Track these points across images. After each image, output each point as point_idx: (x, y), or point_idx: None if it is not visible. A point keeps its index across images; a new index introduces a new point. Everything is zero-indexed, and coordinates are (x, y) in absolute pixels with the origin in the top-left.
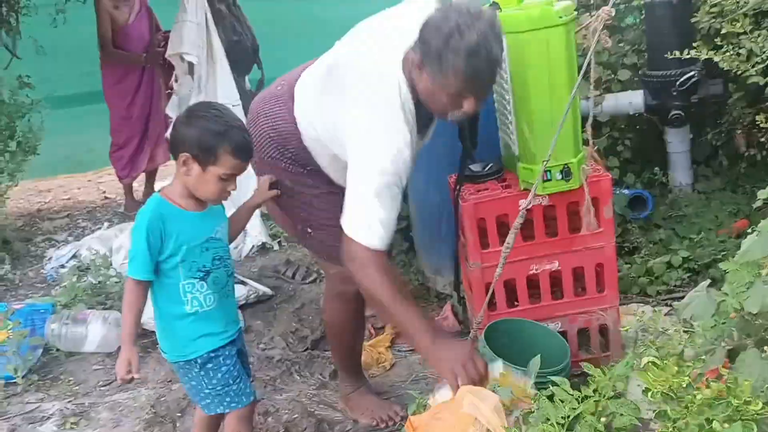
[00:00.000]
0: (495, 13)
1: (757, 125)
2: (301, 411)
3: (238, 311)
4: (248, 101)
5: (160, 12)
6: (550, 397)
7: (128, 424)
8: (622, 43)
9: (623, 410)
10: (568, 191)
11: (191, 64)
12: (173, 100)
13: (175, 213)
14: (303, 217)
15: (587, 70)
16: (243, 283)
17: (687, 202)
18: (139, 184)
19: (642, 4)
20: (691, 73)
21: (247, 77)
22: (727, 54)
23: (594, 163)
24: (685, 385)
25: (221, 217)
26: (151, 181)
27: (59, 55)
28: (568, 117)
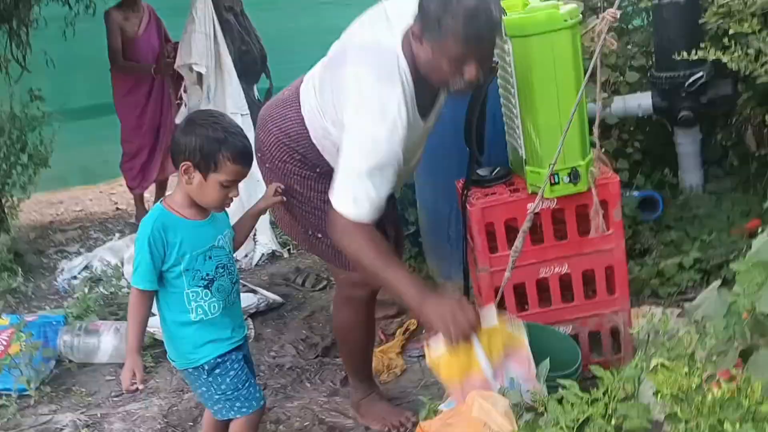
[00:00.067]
0: None
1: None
2: (312, 418)
3: (243, 317)
4: (257, 111)
5: (169, 23)
6: (560, 401)
7: None
8: (630, 45)
9: (633, 412)
10: (576, 194)
11: (200, 75)
12: (183, 111)
13: (177, 222)
14: (312, 222)
15: (593, 72)
16: (253, 291)
17: (698, 203)
18: (150, 194)
19: (649, 5)
20: (700, 73)
21: (255, 87)
22: (736, 54)
23: (602, 165)
24: (695, 387)
25: (224, 225)
26: (161, 191)
27: (70, 68)
28: (575, 120)
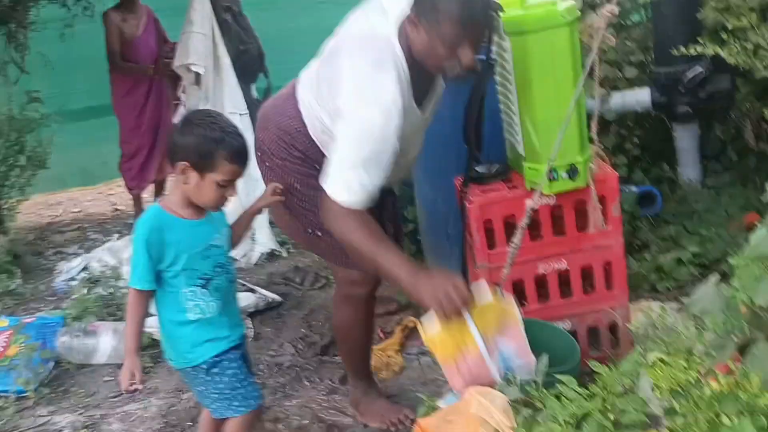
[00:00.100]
0: None
1: (766, 119)
2: (311, 417)
3: (241, 316)
4: (255, 110)
5: (167, 23)
6: (558, 396)
7: None
8: (629, 40)
9: (631, 407)
10: (574, 190)
11: (198, 75)
12: (181, 111)
13: (173, 222)
14: (312, 220)
15: (592, 68)
16: (252, 290)
17: (696, 198)
18: (149, 195)
19: (648, 1)
20: (699, 69)
21: (253, 86)
22: (734, 49)
23: (600, 161)
24: (693, 381)
25: (221, 224)
26: (160, 191)
27: (68, 70)
28: (573, 116)
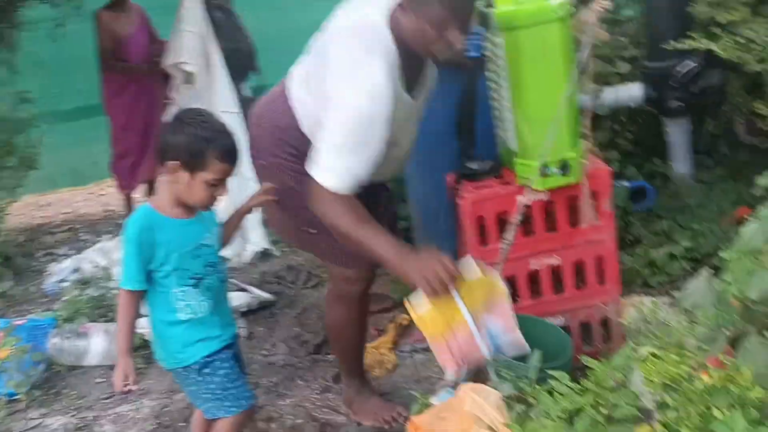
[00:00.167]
0: None
1: (758, 113)
2: (304, 416)
3: (233, 315)
4: (247, 108)
5: (158, 22)
6: (551, 392)
7: None
8: (621, 36)
9: (623, 401)
10: (567, 186)
11: (190, 74)
12: (172, 110)
13: (163, 222)
14: (307, 218)
15: (583, 64)
16: (245, 289)
17: (688, 193)
18: (140, 195)
19: None
20: (691, 63)
21: (245, 84)
22: (726, 43)
23: (592, 156)
24: (685, 375)
25: (211, 223)
26: (151, 191)
27: (59, 70)
28: (565, 111)
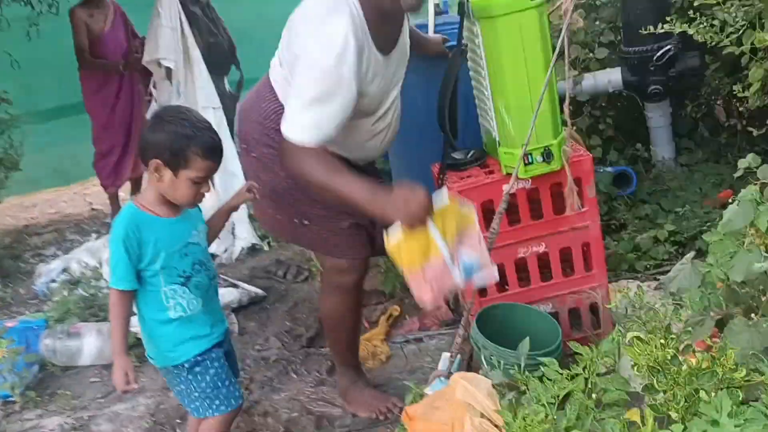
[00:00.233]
0: None
1: (736, 95)
2: (300, 409)
3: (223, 312)
4: (228, 103)
5: (135, 18)
6: (541, 378)
7: None
8: (598, 21)
9: (612, 386)
10: (550, 173)
11: (169, 69)
12: (153, 107)
13: (150, 221)
14: (300, 210)
15: (562, 50)
16: (235, 285)
17: (671, 176)
18: (125, 192)
19: None
20: (668, 47)
21: (226, 79)
22: (702, 26)
23: (574, 143)
24: (671, 358)
25: (198, 220)
26: (136, 188)
27: (35, 69)
28: (545, 99)
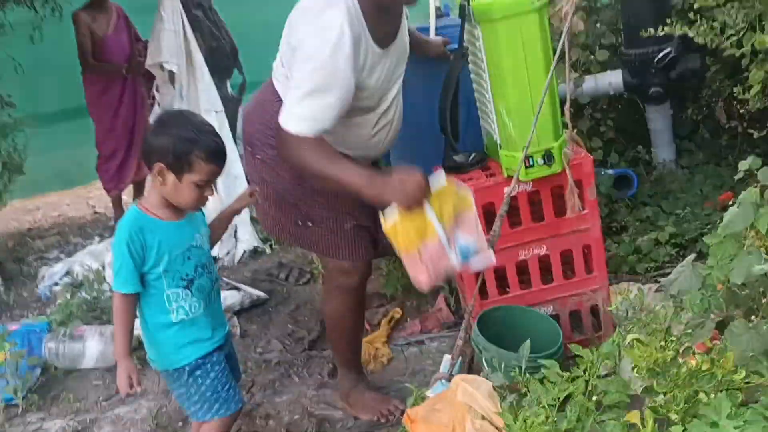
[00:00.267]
0: None
1: (736, 97)
2: (301, 412)
3: (224, 316)
4: (230, 106)
5: (138, 21)
6: (542, 381)
7: None
8: (599, 23)
9: (612, 388)
10: (551, 175)
11: (172, 73)
12: (156, 110)
13: (153, 224)
14: (303, 211)
15: (563, 53)
16: (237, 288)
17: (671, 178)
18: (127, 196)
19: None
20: (668, 49)
21: (228, 82)
22: (702, 28)
23: (575, 145)
24: (670, 360)
25: (201, 224)
26: (139, 192)
27: (39, 73)
28: (546, 102)
